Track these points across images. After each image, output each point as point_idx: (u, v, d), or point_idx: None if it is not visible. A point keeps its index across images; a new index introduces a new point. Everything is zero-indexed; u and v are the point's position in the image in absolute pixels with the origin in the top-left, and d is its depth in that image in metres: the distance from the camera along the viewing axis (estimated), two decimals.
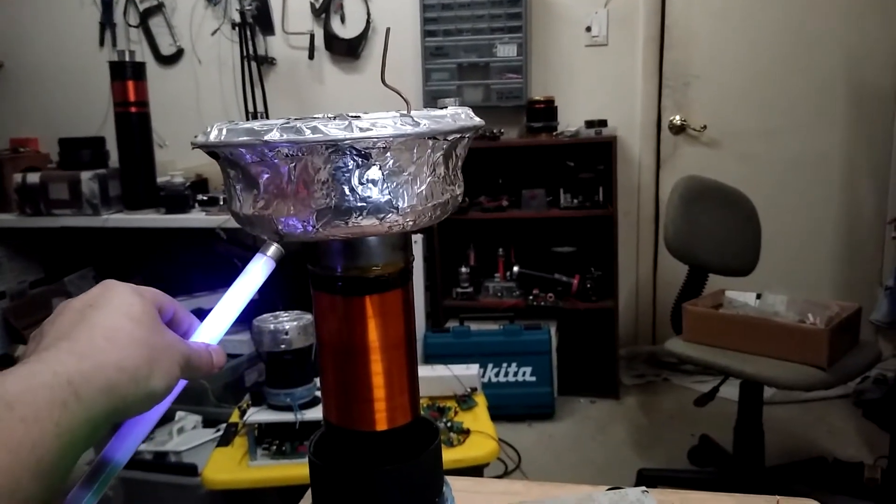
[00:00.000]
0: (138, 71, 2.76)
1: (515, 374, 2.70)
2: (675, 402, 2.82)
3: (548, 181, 2.91)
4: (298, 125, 0.50)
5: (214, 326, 0.50)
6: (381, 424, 0.58)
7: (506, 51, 2.95)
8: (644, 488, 0.59)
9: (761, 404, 2.03)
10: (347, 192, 0.51)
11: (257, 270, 0.53)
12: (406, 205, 0.53)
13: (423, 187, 0.54)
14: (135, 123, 2.75)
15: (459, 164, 0.60)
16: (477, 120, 0.58)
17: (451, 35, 2.96)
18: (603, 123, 2.86)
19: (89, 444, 0.37)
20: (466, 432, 1.59)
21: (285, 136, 0.49)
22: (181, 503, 1.77)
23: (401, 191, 0.53)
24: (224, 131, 0.52)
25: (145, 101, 2.77)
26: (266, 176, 0.52)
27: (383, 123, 0.51)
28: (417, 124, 0.52)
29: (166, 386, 0.42)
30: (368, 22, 3.17)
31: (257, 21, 3.16)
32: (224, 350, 0.49)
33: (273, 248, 0.54)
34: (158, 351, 0.41)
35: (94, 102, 3.33)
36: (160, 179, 2.83)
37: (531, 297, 2.86)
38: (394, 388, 0.59)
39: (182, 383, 0.45)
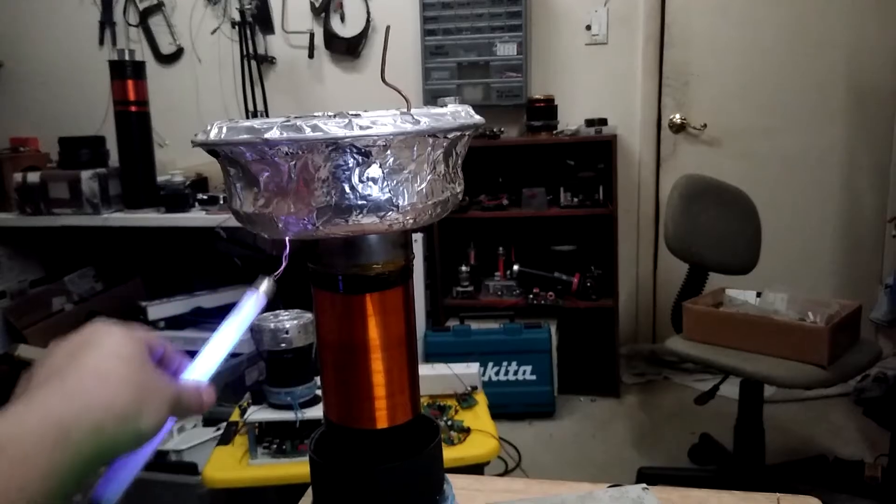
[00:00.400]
0: (138, 70, 2.76)
1: (516, 372, 2.70)
2: (676, 400, 2.83)
3: (548, 180, 2.91)
4: (299, 123, 0.50)
5: (205, 364, 0.50)
6: (382, 422, 0.58)
7: (506, 49, 2.94)
8: (644, 485, 0.59)
9: (762, 402, 2.03)
10: (348, 190, 0.51)
11: (249, 307, 0.53)
12: (406, 203, 0.53)
13: (424, 185, 0.54)
14: (135, 122, 2.74)
15: (459, 162, 0.60)
16: (476, 118, 0.58)
17: (450, 34, 2.96)
18: (603, 122, 2.86)
19: (80, 483, 0.37)
20: (467, 431, 1.59)
21: (285, 135, 0.49)
22: (182, 502, 1.77)
23: (401, 189, 0.53)
24: (224, 130, 0.52)
25: (145, 101, 2.77)
26: (266, 174, 0.52)
27: (383, 121, 0.51)
28: (417, 122, 0.52)
29: (155, 425, 0.42)
30: (368, 21, 3.17)
31: (257, 20, 3.16)
32: (214, 388, 0.49)
33: (265, 284, 0.54)
34: (147, 391, 0.42)
35: (93, 101, 3.33)
36: (160, 178, 2.83)
37: (531, 296, 2.86)
38: (394, 386, 0.59)
39: (171, 422, 0.45)
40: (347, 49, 3.21)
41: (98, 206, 2.73)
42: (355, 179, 0.51)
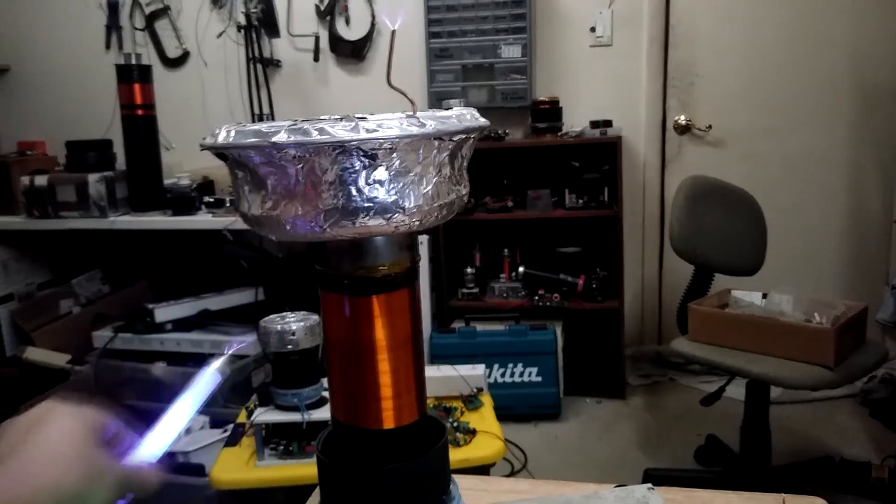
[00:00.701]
0: (144, 73, 2.77)
1: (521, 374, 2.70)
2: (682, 402, 2.82)
3: (553, 182, 2.91)
4: (306, 127, 0.50)
5: (156, 442, 0.50)
6: (389, 423, 0.59)
7: (510, 52, 2.95)
8: (650, 485, 0.60)
9: (768, 404, 2.03)
10: (354, 192, 0.52)
11: (204, 384, 0.54)
12: (412, 205, 0.53)
13: (429, 187, 0.55)
14: (141, 126, 2.76)
15: (465, 164, 0.60)
16: (482, 120, 0.58)
17: (455, 36, 2.97)
18: (608, 124, 2.86)
19: None
20: (473, 432, 1.59)
21: (293, 138, 0.50)
22: (189, 503, 1.78)
23: (407, 191, 0.53)
24: (232, 133, 0.53)
25: (152, 104, 2.78)
26: (274, 177, 0.52)
27: (389, 124, 0.51)
28: (423, 125, 0.53)
29: None
30: (373, 24, 3.18)
31: (262, 23, 3.17)
32: (163, 468, 0.49)
33: (220, 363, 0.55)
34: (94, 472, 0.43)
35: (100, 105, 3.35)
36: (166, 181, 2.84)
37: (536, 298, 2.87)
38: (401, 387, 0.60)
39: (122, 503, 0.46)
40: (352, 52, 3.22)
41: (105, 209, 2.74)
42: (362, 182, 0.52)
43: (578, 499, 0.56)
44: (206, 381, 0.53)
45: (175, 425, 0.51)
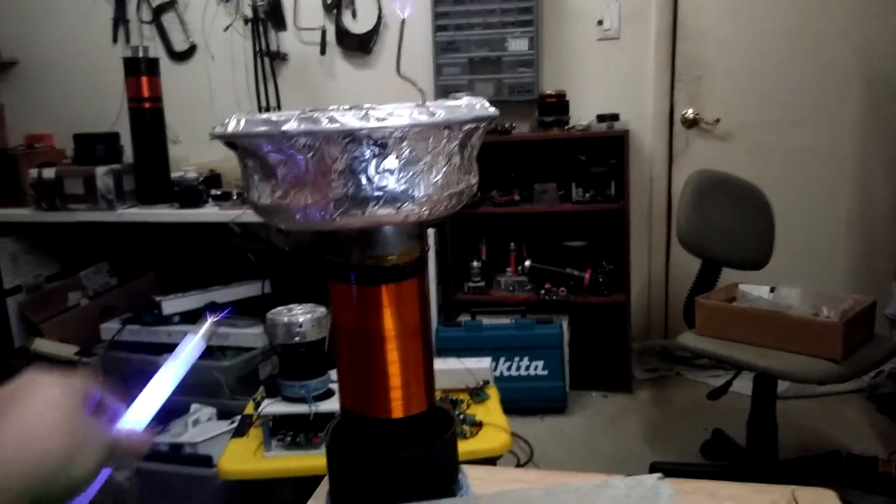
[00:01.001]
0: (152, 67, 2.77)
1: (527, 367, 2.70)
2: (688, 396, 2.82)
3: (559, 175, 2.90)
4: (316, 115, 0.50)
5: (142, 410, 0.49)
6: (397, 412, 0.59)
7: (517, 45, 2.94)
8: (660, 475, 0.60)
9: (775, 398, 2.02)
10: (364, 181, 0.52)
11: (188, 351, 0.53)
12: (422, 194, 0.54)
13: (439, 177, 0.55)
14: (149, 119, 2.76)
15: (474, 154, 0.60)
16: (492, 110, 0.58)
17: (462, 29, 2.96)
18: (615, 117, 2.85)
19: None
20: (479, 425, 1.59)
21: (303, 127, 0.50)
22: (196, 494, 1.79)
23: (417, 180, 0.53)
24: (243, 122, 0.53)
25: (159, 97, 2.79)
26: (284, 166, 0.53)
27: (399, 113, 0.51)
28: (433, 114, 0.53)
29: (89, 475, 0.42)
30: (380, 17, 3.17)
31: (269, 17, 3.17)
32: (150, 435, 0.48)
33: (205, 328, 0.55)
34: (80, 440, 0.42)
35: (108, 98, 3.35)
36: (173, 175, 2.85)
37: (543, 292, 2.86)
38: (409, 377, 0.60)
39: (107, 472, 0.45)
40: (359, 45, 3.21)
41: (113, 201, 2.75)
42: (371, 171, 0.52)
43: (589, 487, 0.56)
44: (191, 348, 0.53)
45: (160, 393, 0.50)
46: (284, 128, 0.50)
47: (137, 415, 0.49)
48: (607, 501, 0.56)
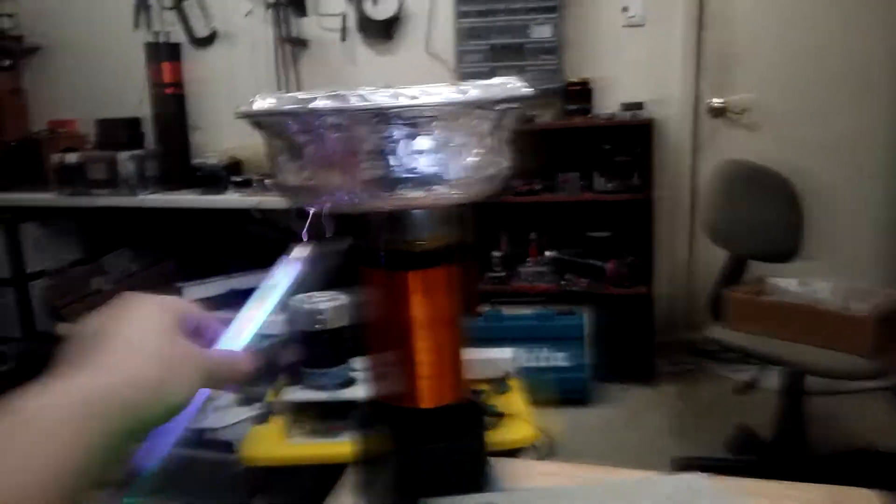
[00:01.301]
0: (174, 52, 2.78)
1: (548, 359, 2.67)
2: (712, 390, 2.78)
3: (583, 164, 2.86)
4: (345, 94, 0.48)
5: (240, 331, 0.48)
6: (427, 402, 0.57)
7: (540, 32, 2.90)
8: (705, 475, 0.58)
9: (803, 393, 1.98)
10: (394, 162, 0.50)
11: (284, 274, 0.52)
12: (454, 176, 0.51)
13: (472, 159, 0.52)
14: (171, 104, 2.77)
15: (507, 136, 0.58)
16: (526, 89, 0.56)
17: (484, 16, 2.92)
18: (639, 106, 2.81)
19: (112, 457, 0.37)
20: (500, 416, 1.57)
21: (332, 104, 0.48)
22: (219, 479, 1.79)
23: (448, 162, 0.51)
24: (270, 100, 0.51)
25: (181, 82, 2.79)
26: (312, 146, 0.51)
27: (431, 91, 0.49)
28: (465, 92, 0.51)
29: (186, 397, 0.41)
30: (401, 3, 3.14)
31: (290, 2, 3.15)
32: (249, 356, 0.47)
33: (299, 250, 0.53)
34: (176, 362, 0.41)
35: (130, 83, 3.36)
36: (194, 161, 2.85)
37: (564, 282, 2.83)
38: (439, 367, 0.58)
39: (205, 392, 0.44)
40: (380, 31, 3.18)
41: (135, 186, 2.76)
42: (402, 151, 0.50)
43: (632, 483, 0.54)
44: (286, 270, 0.51)
45: (259, 314, 0.49)
46: (312, 105, 0.48)
47: (236, 337, 0.48)
48: (650, 499, 0.54)
